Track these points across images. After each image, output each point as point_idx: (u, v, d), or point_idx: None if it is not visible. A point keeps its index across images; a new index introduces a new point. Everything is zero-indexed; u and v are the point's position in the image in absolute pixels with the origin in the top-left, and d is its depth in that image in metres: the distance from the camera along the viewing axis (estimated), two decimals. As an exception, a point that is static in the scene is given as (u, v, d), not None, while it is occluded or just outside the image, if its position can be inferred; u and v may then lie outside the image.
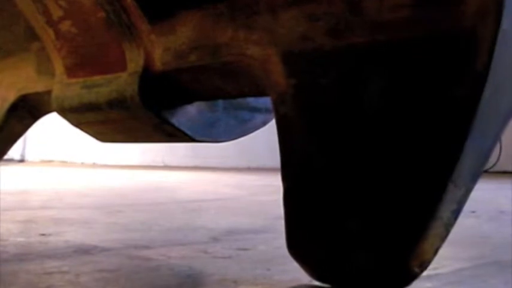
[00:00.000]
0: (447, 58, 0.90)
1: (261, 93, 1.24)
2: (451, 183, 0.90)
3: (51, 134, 7.06)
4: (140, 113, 1.33)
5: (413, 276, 0.97)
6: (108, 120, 1.42)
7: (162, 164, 7.48)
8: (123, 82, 1.34)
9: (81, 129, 1.54)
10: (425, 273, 1.29)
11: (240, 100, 1.55)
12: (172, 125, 1.36)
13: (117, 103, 1.35)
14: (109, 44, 1.38)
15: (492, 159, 6.49)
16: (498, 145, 6.44)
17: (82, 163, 7.69)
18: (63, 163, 7.66)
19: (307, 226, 1.05)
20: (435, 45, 0.91)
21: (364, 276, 1.00)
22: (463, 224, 2.22)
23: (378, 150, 0.97)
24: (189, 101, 1.40)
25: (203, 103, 1.46)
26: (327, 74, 1.02)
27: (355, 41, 0.99)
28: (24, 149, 8.40)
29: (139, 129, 1.42)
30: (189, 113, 1.41)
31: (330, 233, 1.02)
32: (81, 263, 1.35)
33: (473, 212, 2.59)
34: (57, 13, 1.44)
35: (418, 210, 0.92)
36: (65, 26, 1.45)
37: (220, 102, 1.51)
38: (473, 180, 0.94)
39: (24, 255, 1.43)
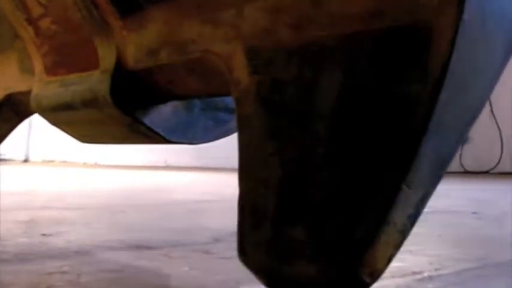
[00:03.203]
0: (405, 53, 0.86)
1: (230, 93, 1.20)
2: (406, 186, 0.85)
3: (54, 134, 7.07)
4: (112, 112, 1.29)
5: (364, 286, 0.89)
6: (84, 120, 1.39)
7: (164, 165, 7.48)
8: (95, 80, 1.30)
9: (61, 129, 1.51)
10: (427, 274, 1.29)
11: (218, 101, 1.51)
12: (145, 126, 1.33)
13: (90, 102, 1.31)
14: (86, 41, 1.35)
15: (494, 160, 6.49)
16: (500, 146, 6.43)
17: (84, 163, 7.70)
18: (65, 163, 7.67)
19: (258, 232, 1.00)
20: (394, 39, 0.87)
21: (312, 285, 0.96)
22: (465, 225, 2.22)
23: (332, 152, 0.92)
24: (163, 100, 1.36)
25: (179, 103, 1.43)
26: (288, 70, 0.98)
27: (317, 34, 0.94)
28: (27, 149, 8.42)
29: (114, 130, 1.38)
30: (163, 114, 1.37)
31: (277, 240, 0.97)
32: (82, 263, 1.35)
33: (475, 213, 2.59)
34: (37, 10, 1.42)
35: (368, 215, 0.87)
36: (45, 23, 1.42)
37: (198, 102, 1.48)
38: (433, 183, 0.89)
39: (25, 256, 1.43)
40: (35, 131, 7.83)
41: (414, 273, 1.30)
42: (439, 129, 0.85)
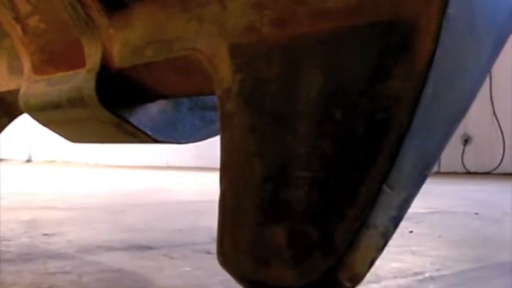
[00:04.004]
0: (388, 49, 0.83)
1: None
2: (387, 187, 0.80)
3: (56, 135, 7.07)
4: (99, 112, 1.27)
5: None
6: (72, 120, 1.37)
7: (166, 165, 7.48)
8: (81, 79, 1.28)
9: (51, 128, 1.49)
10: (428, 274, 1.29)
11: (206, 100, 1.48)
12: (132, 125, 1.31)
13: (77, 101, 1.29)
14: (74, 39, 1.32)
15: (496, 161, 6.49)
16: (501, 147, 6.43)
17: (86, 163, 7.70)
18: (67, 163, 7.68)
19: (238, 233, 0.97)
20: (376, 34, 0.84)
21: None
22: (466, 226, 2.22)
23: (313, 151, 0.88)
24: (149, 99, 1.34)
25: (167, 102, 1.40)
26: (270, 68, 0.96)
27: (299, 31, 0.92)
28: (30, 149, 8.43)
29: (101, 129, 1.36)
30: (150, 113, 1.35)
31: (257, 242, 0.93)
32: (84, 263, 1.35)
33: (476, 213, 2.58)
34: (25, 8, 1.40)
35: (348, 218, 0.82)
36: (33, 21, 1.40)
37: (186, 101, 1.45)
38: (417, 184, 0.84)
39: (27, 255, 1.43)
40: (38, 131, 7.84)
41: (416, 273, 1.31)
42: (423, 126, 0.81)
